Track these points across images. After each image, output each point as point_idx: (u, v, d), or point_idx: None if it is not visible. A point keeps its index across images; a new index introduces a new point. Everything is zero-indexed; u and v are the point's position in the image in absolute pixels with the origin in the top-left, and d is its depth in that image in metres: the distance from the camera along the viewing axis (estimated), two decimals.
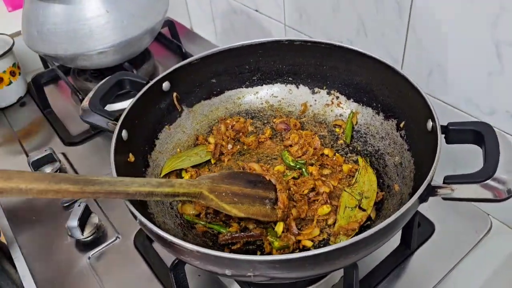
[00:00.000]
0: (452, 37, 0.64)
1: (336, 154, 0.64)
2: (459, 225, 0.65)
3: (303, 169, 0.61)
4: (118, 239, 0.69)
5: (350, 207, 0.54)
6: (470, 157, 0.62)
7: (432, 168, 0.45)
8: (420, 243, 0.63)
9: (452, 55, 0.66)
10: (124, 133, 0.56)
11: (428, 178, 0.44)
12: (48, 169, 0.79)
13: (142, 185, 0.46)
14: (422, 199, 0.45)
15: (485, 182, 0.43)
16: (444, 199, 0.46)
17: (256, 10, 1.03)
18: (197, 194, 0.51)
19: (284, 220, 0.55)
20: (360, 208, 0.54)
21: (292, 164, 0.61)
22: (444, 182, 0.45)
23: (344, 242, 0.40)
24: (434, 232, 0.64)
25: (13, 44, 0.95)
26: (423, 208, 0.66)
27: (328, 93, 0.69)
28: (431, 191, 0.45)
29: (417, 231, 0.60)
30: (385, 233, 0.43)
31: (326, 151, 0.64)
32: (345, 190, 0.56)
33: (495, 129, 0.64)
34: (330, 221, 0.55)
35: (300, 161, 0.62)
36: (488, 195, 0.43)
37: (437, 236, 0.64)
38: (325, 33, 0.87)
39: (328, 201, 0.57)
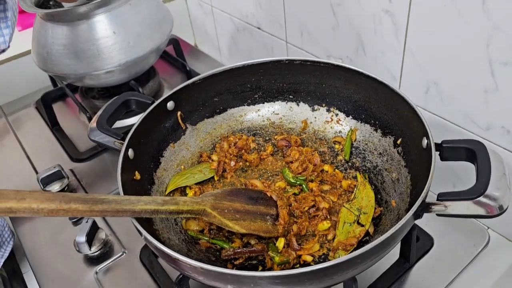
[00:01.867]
0: (447, 55, 0.66)
1: (336, 170, 0.66)
2: (458, 239, 0.66)
3: (303, 185, 0.63)
4: (124, 254, 0.71)
5: (349, 222, 0.56)
6: (470, 172, 0.64)
7: (426, 186, 0.47)
8: (419, 257, 0.64)
9: (448, 73, 0.68)
10: (131, 152, 0.59)
11: (422, 195, 0.46)
12: (56, 185, 0.81)
13: (148, 203, 0.48)
14: (417, 215, 0.46)
15: (477, 199, 0.45)
16: (438, 215, 0.47)
17: (259, 28, 1.06)
18: (201, 211, 0.53)
19: (285, 235, 0.56)
20: (358, 223, 0.56)
21: (292, 180, 0.63)
22: (437, 199, 0.46)
23: (341, 258, 0.41)
24: (433, 246, 0.65)
25: None
26: (422, 223, 0.68)
27: (328, 111, 0.72)
28: (426, 207, 0.47)
29: (415, 245, 0.61)
30: (382, 248, 0.44)
31: (326, 167, 0.66)
32: (344, 206, 0.58)
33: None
34: (329, 237, 0.57)
35: (301, 178, 0.64)
36: (481, 211, 0.45)
37: (436, 250, 0.65)
38: (325, 50, 0.89)
39: (328, 217, 0.58)
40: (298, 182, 0.63)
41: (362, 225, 0.55)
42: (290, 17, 0.94)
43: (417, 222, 0.65)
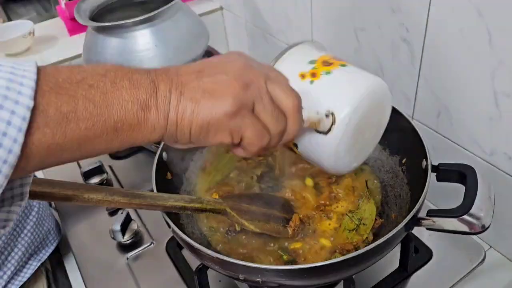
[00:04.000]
0: (457, 84, 0.71)
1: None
2: (455, 253, 0.72)
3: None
4: (152, 244, 0.79)
5: (348, 229, 0.62)
6: None
7: (419, 202, 0.53)
8: (418, 267, 0.70)
9: (457, 100, 0.73)
10: (164, 155, 0.67)
11: (414, 210, 0.52)
12: (97, 179, 0.91)
13: (177, 201, 0.55)
14: (408, 227, 0.53)
15: (462, 217, 0.51)
16: (428, 229, 0.54)
17: (287, 44, 1.14)
18: (221, 211, 0.60)
19: (294, 237, 0.64)
20: (357, 232, 0.62)
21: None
22: (427, 215, 0.53)
23: (338, 258, 0.48)
24: (431, 258, 0.71)
25: None
26: (423, 236, 0.73)
27: None
28: (417, 221, 0.53)
29: (413, 256, 0.67)
30: (374, 253, 0.51)
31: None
32: (347, 214, 0.65)
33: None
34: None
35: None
36: (464, 228, 0.51)
37: (434, 262, 0.71)
38: None
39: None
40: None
41: (361, 235, 0.62)
42: (317, 37, 1.01)
43: (419, 235, 0.72)
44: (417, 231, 0.67)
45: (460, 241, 0.73)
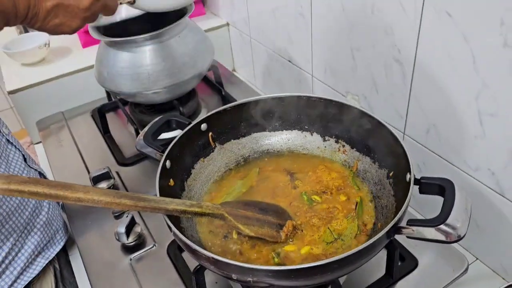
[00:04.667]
0: (444, 104, 0.75)
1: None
2: (439, 263, 0.75)
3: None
4: (154, 246, 0.84)
5: (326, 241, 0.67)
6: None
7: (400, 212, 0.57)
8: (403, 275, 0.74)
9: (444, 118, 0.77)
10: (168, 163, 0.72)
11: (395, 219, 0.56)
12: (104, 184, 0.96)
13: (179, 205, 0.60)
14: (389, 235, 0.57)
15: (439, 226, 0.55)
16: (408, 237, 0.58)
17: (289, 61, 1.19)
18: (219, 215, 0.65)
19: (286, 242, 0.68)
20: (332, 245, 0.66)
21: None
22: (407, 224, 0.57)
23: (325, 260, 0.52)
24: (417, 266, 0.75)
25: None
26: (410, 246, 0.77)
27: (336, 142, 0.83)
28: (397, 230, 0.57)
29: (398, 264, 0.72)
30: (356, 258, 0.55)
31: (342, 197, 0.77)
32: (328, 228, 0.69)
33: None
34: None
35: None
36: (441, 237, 0.55)
37: (419, 270, 0.74)
38: (345, 87, 1.01)
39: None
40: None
41: (336, 249, 0.66)
42: (316, 54, 1.06)
43: (406, 245, 0.76)
44: (404, 240, 0.71)
45: (445, 251, 0.77)
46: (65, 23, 0.69)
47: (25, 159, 0.84)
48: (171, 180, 0.73)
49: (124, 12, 1.00)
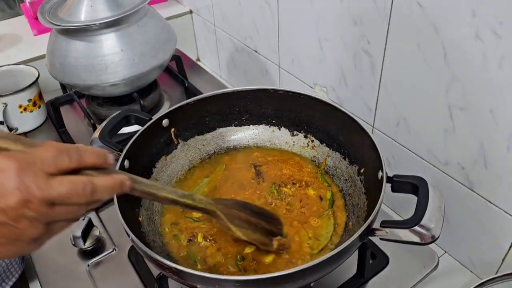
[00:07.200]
0: (414, 96, 0.74)
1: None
2: (410, 259, 0.74)
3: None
4: (114, 250, 0.79)
5: (310, 254, 0.64)
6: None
7: (373, 213, 0.55)
8: (375, 273, 0.72)
9: (414, 111, 0.76)
10: (126, 162, 0.67)
11: (368, 221, 0.54)
12: None
13: (170, 193, 0.54)
14: (362, 237, 0.54)
15: (413, 228, 0.53)
16: (381, 239, 0.56)
17: (255, 51, 1.15)
18: (211, 212, 0.59)
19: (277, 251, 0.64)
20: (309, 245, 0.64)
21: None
22: (380, 226, 0.55)
23: (295, 268, 0.49)
24: (388, 264, 0.73)
25: (38, 76, 1.05)
26: (381, 243, 0.76)
27: (305, 137, 0.80)
28: (371, 232, 0.55)
29: (370, 263, 0.70)
30: (329, 263, 0.53)
31: (310, 191, 0.74)
32: (303, 227, 0.66)
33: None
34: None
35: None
36: (415, 239, 0.53)
37: (390, 268, 0.73)
38: (312, 78, 0.98)
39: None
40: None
41: (312, 249, 0.63)
42: (283, 45, 1.03)
43: (377, 242, 0.74)
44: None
45: (415, 247, 0.75)
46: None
47: None
48: None
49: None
